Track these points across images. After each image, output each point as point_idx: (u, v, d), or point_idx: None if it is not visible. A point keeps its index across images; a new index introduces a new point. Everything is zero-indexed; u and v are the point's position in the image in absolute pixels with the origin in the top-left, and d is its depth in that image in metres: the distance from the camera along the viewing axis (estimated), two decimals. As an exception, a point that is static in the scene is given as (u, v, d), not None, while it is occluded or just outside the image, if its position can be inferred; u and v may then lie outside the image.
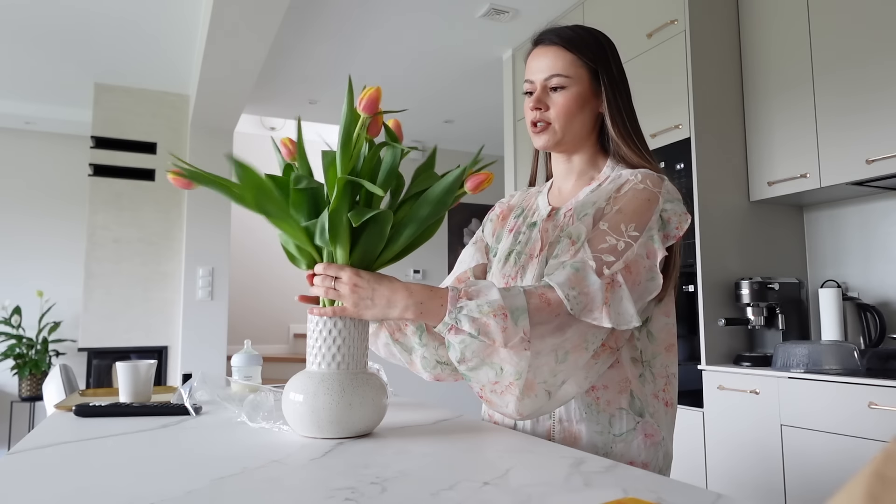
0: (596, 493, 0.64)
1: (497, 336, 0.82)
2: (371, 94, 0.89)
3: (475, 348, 0.85)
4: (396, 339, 1.10)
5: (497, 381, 0.87)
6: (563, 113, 1.03)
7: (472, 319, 0.83)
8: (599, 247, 0.90)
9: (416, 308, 0.87)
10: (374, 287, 0.89)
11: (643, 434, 0.97)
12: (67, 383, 1.87)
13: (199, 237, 4.13)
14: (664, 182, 0.98)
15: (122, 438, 0.94)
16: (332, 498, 0.62)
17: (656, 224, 0.93)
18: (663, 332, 1.01)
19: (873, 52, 2.05)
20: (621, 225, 0.92)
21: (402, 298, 0.88)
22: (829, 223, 2.50)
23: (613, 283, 0.87)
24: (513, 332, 0.82)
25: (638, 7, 2.64)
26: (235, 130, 4.54)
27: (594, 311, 0.85)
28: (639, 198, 0.95)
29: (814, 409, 1.88)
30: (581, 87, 1.03)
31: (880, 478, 0.27)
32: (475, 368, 0.87)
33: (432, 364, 1.09)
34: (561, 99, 1.03)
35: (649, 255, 0.91)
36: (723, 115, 2.44)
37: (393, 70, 3.85)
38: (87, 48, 3.59)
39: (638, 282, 0.89)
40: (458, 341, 0.85)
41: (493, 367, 0.86)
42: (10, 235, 4.80)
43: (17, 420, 4.62)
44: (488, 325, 0.83)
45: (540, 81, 1.04)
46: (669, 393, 1.01)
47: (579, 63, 1.03)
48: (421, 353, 1.09)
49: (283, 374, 4.51)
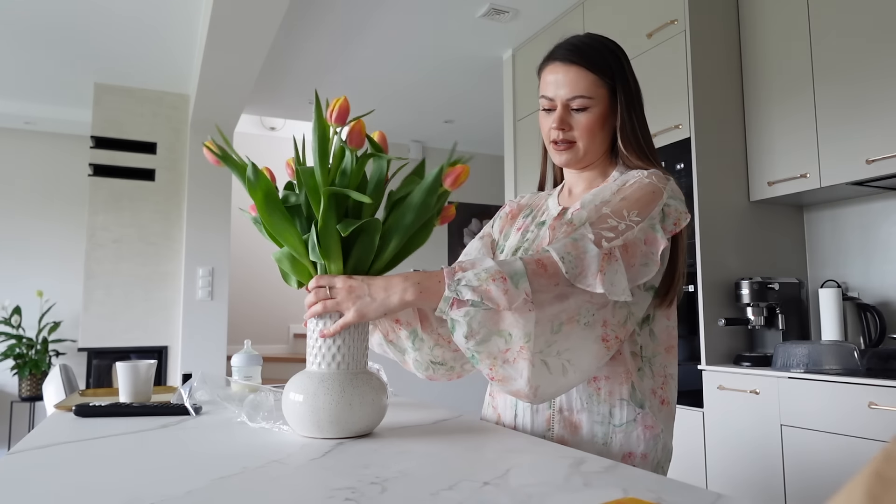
0: (596, 493, 0.64)
1: (500, 299, 0.82)
2: (340, 104, 0.90)
3: (481, 318, 0.83)
4: (390, 340, 1.12)
5: (508, 349, 0.85)
6: (587, 133, 1.05)
7: (473, 288, 0.83)
8: (600, 225, 0.91)
9: (414, 288, 0.87)
10: (368, 283, 0.89)
11: (643, 425, 0.98)
12: (67, 383, 1.87)
13: (199, 237, 4.13)
14: (670, 181, 1.01)
15: (122, 438, 0.94)
16: (332, 498, 0.62)
17: (658, 215, 0.94)
18: (664, 333, 1.02)
19: (873, 52, 2.05)
20: (624, 210, 0.93)
21: (399, 282, 0.88)
22: (829, 223, 2.50)
23: (611, 255, 0.87)
24: (514, 293, 0.82)
25: (638, 7, 2.64)
26: (235, 130, 4.55)
27: (588, 277, 0.85)
28: (643, 189, 0.97)
29: (814, 409, 1.88)
30: (602, 106, 1.05)
31: (880, 478, 0.27)
32: (484, 340, 0.85)
33: (425, 365, 1.11)
34: (584, 120, 1.05)
35: (647, 242, 0.91)
36: (723, 115, 2.44)
37: (393, 70, 3.85)
38: (87, 48, 3.59)
39: (632, 263, 0.89)
40: (463, 314, 0.83)
41: (502, 334, 0.84)
42: (10, 235, 4.81)
43: (17, 420, 4.62)
44: (489, 291, 0.82)
45: (562, 100, 1.05)
46: (667, 392, 1.02)
47: (600, 83, 1.05)
48: (413, 356, 1.11)
49: (283, 374, 4.51)
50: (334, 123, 0.90)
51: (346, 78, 3.95)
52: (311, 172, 0.90)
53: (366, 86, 4.09)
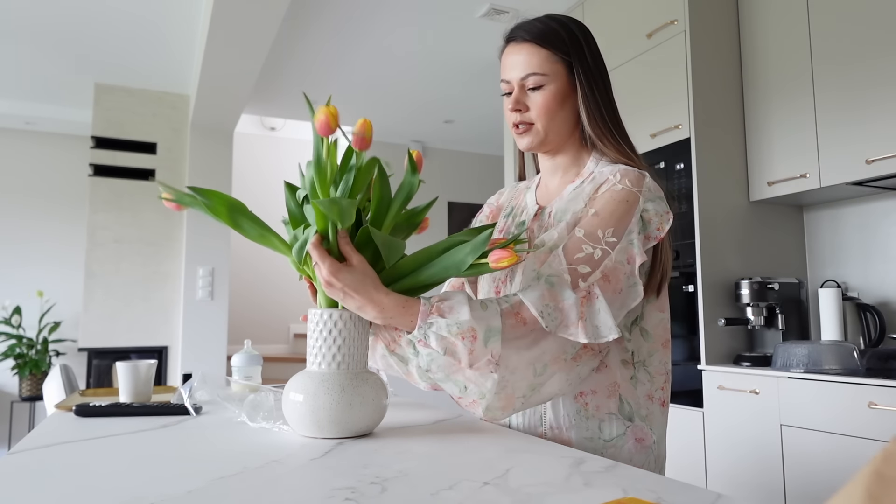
0: (596, 493, 0.64)
1: (463, 357, 0.83)
2: (325, 114, 0.87)
3: (441, 363, 0.85)
4: (392, 351, 1.10)
5: (461, 397, 0.89)
6: (544, 112, 1.01)
7: (440, 338, 0.83)
8: (575, 257, 0.88)
9: (384, 322, 0.89)
10: (345, 292, 0.87)
11: (633, 439, 0.96)
12: (67, 383, 1.87)
13: (199, 237, 4.13)
14: (645, 179, 0.96)
15: (122, 438, 0.94)
16: (332, 498, 0.62)
17: (636, 226, 0.91)
18: (659, 327, 0.99)
19: (873, 51, 2.05)
20: (598, 231, 0.90)
21: (372, 312, 0.87)
22: (829, 223, 2.50)
23: (590, 295, 0.85)
24: (480, 353, 0.82)
25: (638, 7, 2.64)
26: (235, 130, 4.55)
27: (570, 327, 0.84)
28: (616, 199, 0.92)
29: (814, 409, 1.88)
30: (559, 83, 1.00)
31: (880, 478, 0.27)
32: (441, 381, 0.89)
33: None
34: (540, 98, 1.00)
35: (629, 261, 0.89)
36: (723, 115, 2.44)
37: (393, 70, 3.85)
38: (87, 48, 3.59)
39: (618, 289, 0.87)
40: (426, 353, 0.86)
41: (458, 383, 0.87)
42: (11, 235, 4.81)
43: (17, 420, 4.62)
44: (455, 346, 0.83)
45: (516, 81, 1.02)
46: (666, 393, 1.00)
47: (554, 59, 1.00)
48: (416, 364, 1.09)
49: (283, 374, 4.52)
50: (321, 135, 0.89)
51: (346, 78, 3.95)
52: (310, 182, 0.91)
53: (366, 86, 4.09)
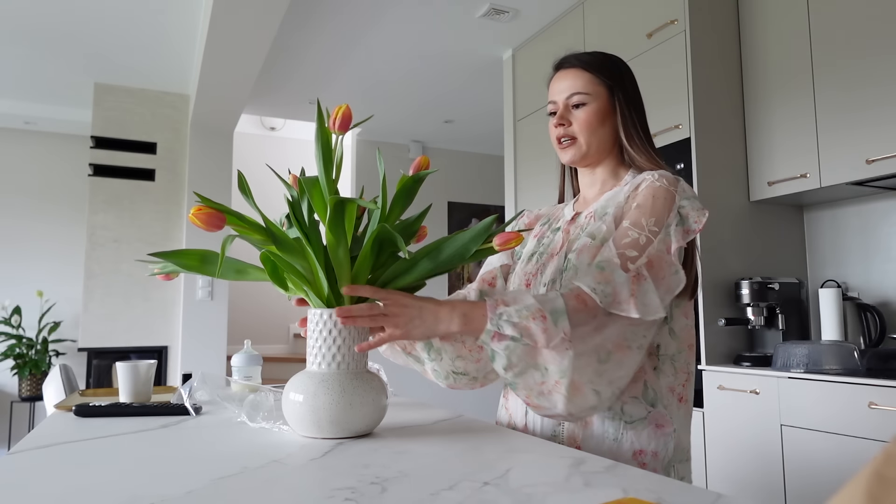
0: (596, 493, 0.64)
1: (539, 337, 0.85)
2: (343, 112, 0.92)
3: (520, 352, 0.87)
4: (409, 353, 1.15)
5: (543, 382, 0.89)
6: (586, 127, 1.10)
7: (514, 324, 0.86)
8: (622, 242, 0.94)
9: (460, 319, 0.91)
10: (420, 305, 0.92)
11: (654, 424, 0.99)
12: (67, 383, 1.87)
13: (199, 237, 4.13)
14: (680, 181, 1.03)
15: (122, 438, 0.94)
16: (332, 498, 0.62)
17: (674, 220, 0.97)
18: (685, 331, 1.04)
19: (873, 51, 2.05)
20: (642, 219, 0.97)
21: (446, 312, 0.91)
22: (829, 223, 2.50)
23: (639, 276, 0.91)
24: (553, 332, 0.85)
25: (638, 7, 2.64)
26: (235, 130, 4.54)
27: (622, 303, 0.88)
28: (656, 194, 1.00)
29: (814, 409, 1.88)
30: (600, 102, 1.10)
31: (880, 478, 0.27)
32: (522, 373, 0.89)
33: (444, 374, 1.13)
34: (582, 114, 1.10)
35: (669, 251, 0.95)
36: (723, 115, 2.44)
37: (393, 70, 3.85)
38: (87, 48, 3.59)
39: (662, 276, 0.92)
40: (503, 347, 0.87)
41: (539, 368, 0.89)
42: (10, 235, 4.80)
43: (17, 420, 4.62)
44: (529, 328, 0.86)
45: (562, 101, 1.12)
46: (686, 390, 1.03)
47: (597, 81, 1.11)
48: (431, 366, 1.13)
49: (283, 374, 4.52)
50: (337, 131, 0.91)
51: (346, 78, 3.95)
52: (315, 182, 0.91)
53: (366, 85, 4.09)
